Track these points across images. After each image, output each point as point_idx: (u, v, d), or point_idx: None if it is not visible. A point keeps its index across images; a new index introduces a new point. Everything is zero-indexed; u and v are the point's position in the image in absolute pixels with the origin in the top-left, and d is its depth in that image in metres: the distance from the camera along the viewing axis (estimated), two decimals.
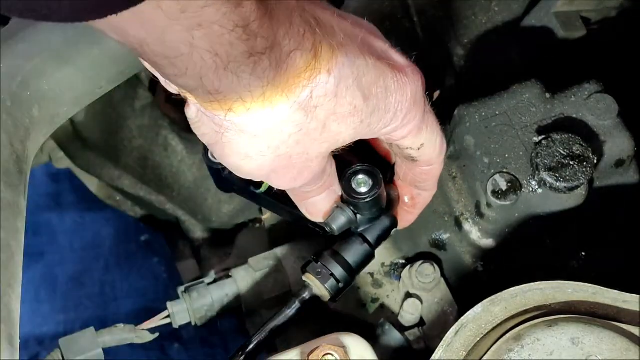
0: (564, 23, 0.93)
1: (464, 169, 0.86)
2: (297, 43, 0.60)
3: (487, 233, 0.85)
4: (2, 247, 0.65)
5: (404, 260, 0.94)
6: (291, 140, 0.64)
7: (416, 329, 0.90)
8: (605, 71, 0.90)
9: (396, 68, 0.68)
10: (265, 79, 0.59)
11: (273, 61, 0.59)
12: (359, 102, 0.65)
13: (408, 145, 0.72)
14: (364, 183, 0.74)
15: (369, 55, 0.66)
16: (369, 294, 0.93)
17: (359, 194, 0.74)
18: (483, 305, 0.70)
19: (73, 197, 1.58)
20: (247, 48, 0.56)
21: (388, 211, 0.79)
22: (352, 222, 0.76)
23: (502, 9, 0.97)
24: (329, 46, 0.63)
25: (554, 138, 0.81)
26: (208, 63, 0.56)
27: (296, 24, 0.60)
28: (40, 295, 1.51)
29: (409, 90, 0.68)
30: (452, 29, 0.98)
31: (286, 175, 0.68)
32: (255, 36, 0.56)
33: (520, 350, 0.65)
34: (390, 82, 0.67)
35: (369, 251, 0.78)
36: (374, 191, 0.74)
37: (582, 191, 0.81)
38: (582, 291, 0.70)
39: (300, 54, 0.60)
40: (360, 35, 0.67)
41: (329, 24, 0.64)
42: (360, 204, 0.74)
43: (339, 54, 0.63)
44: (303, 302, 0.78)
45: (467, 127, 0.86)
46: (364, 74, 0.65)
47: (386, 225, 0.79)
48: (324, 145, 0.66)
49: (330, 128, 0.65)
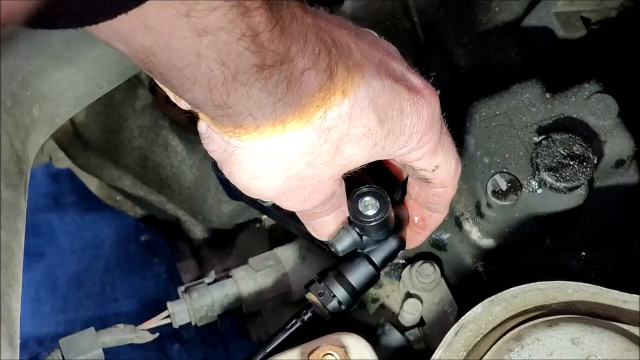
0: (564, 23, 0.93)
1: (464, 169, 0.86)
2: (311, 62, 0.58)
3: (487, 233, 0.85)
4: (3, 247, 0.65)
5: (404, 260, 0.94)
6: (302, 161, 0.62)
7: (416, 329, 0.90)
8: (605, 71, 0.90)
9: (413, 90, 0.66)
10: (277, 95, 0.57)
11: (285, 78, 0.57)
12: (374, 124, 0.63)
13: (422, 167, 0.71)
14: (371, 205, 0.72)
15: (385, 77, 0.64)
16: (369, 294, 0.93)
17: (365, 216, 0.72)
18: (483, 305, 0.70)
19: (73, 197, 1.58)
20: (256, 60, 0.54)
21: (396, 232, 0.78)
22: (358, 243, 0.75)
23: (502, 9, 0.97)
24: (345, 67, 0.61)
25: (554, 138, 0.81)
26: (216, 74, 0.54)
27: (311, 42, 0.58)
28: (40, 296, 1.51)
29: (425, 113, 0.66)
30: (452, 29, 0.98)
31: (296, 197, 0.66)
32: (265, 49, 0.54)
33: (520, 350, 0.65)
34: (406, 105, 0.65)
35: (373, 273, 0.78)
36: (380, 214, 0.72)
37: (582, 191, 0.81)
38: (582, 291, 0.70)
39: (315, 73, 0.58)
40: (377, 56, 0.65)
41: (345, 44, 0.62)
42: (367, 226, 0.73)
43: (355, 74, 0.62)
44: (303, 322, 0.78)
45: (467, 127, 0.86)
46: (380, 96, 0.63)
47: (393, 247, 0.78)
48: (335, 167, 0.64)
49: (343, 150, 0.63)
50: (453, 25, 0.98)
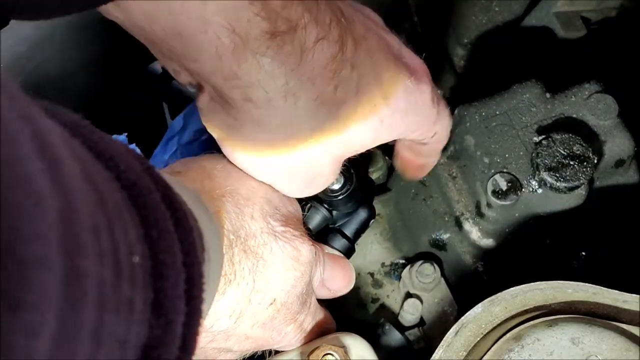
0: (564, 23, 0.93)
1: (464, 169, 0.86)
2: (324, 32, 0.55)
3: (487, 233, 0.85)
4: None
5: (404, 260, 0.94)
6: (312, 140, 0.60)
7: (416, 329, 0.90)
8: (605, 71, 0.90)
9: (410, 67, 0.65)
10: (289, 65, 0.54)
11: (298, 46, 0.53)
12: (379, 100, 0.61)
13: (422, 138, 0.70)
14: (336, 180, 0.71)
15: (386, 52, 0.62)
16: (369, 294, 0.93)
17: (332, 191, 0.72)
18: (483, 305, 0.70)
19: None
20: (267, 27, 0.51)
21: (364, 202, 0.78)
22: (328, 219, 0.75)
23: (502, 9, 0.97)
24: (352, 39, 0.58)
25: (554, 138, 0.81)
26: (225, 42, 0.50)
27: (322, 10, 0.55)
28: None
29: (424, 88, 0.65)
30: (452, 29, 0.98)
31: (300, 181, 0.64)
32: (276, 14, 0.51)
33: (520, 350, 0.65)
34: (408, 82, 0.63)
35: (348, 246, 0.78)
36: (346, 187, 0.72)
37: (582, 191, 0.81)
38: (582, 291, 0.70)
39: (327, 44, 0.56)
40: (376, 30, 0.63)
41: (349, 16, 0.59)
42: (334, 201, 0.73)
43: (360, 47, 0.59)
44: None
45: (467, 127, 0.86)
46: (384, 71, 0.61)
47: (363, 217, 0.78)
48: (340, 148, 0.62)
49: (350, 128, 0.61)
50: (453, 25, 0.98)
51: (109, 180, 0.38)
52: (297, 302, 0.65)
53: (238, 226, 0.59)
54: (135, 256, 0.37)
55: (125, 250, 0.36)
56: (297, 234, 0.63)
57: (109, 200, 0.36)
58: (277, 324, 0.64)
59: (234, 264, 0.58)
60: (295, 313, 0.65)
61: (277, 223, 0.62)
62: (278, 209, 0.64)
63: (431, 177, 0.89)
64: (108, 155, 0.39)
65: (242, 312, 0.60)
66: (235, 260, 0.58)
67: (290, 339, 0.67)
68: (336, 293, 0.74)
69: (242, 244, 0.59)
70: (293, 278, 0.63)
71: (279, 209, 0.64)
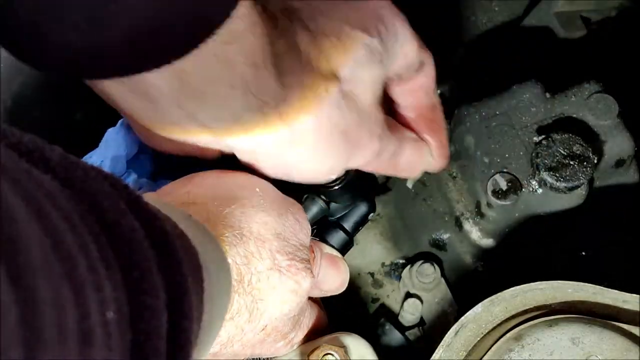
0: (564, 23, 0.93)
1: (464, 169, 0.86)
2: None
3: (487, 233, 0.85)
4: None
5: (404, 260, 0.94)
6: None
7: (416, 329, 0.89)
8: (605, 71, 0.90)
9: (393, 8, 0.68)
10: None
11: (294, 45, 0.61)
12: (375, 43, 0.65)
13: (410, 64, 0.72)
14: None
15: None
16: (369, 294, 0.93)
17: (327, 182, 0.72)
18: (483, 305, 0.70)
19: None
20: None
21: (364, 196, 0.78)
22: (325, 210, 0.75)
23: (502, 9, 0.97)
24: None
25: (554, 138, 0.81)
26: None
27: None
28: None
29: (405, 24, 0.68)
30: (453, 28, 0.98)
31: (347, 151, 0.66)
32: None
33: (520, 350, 0.65)
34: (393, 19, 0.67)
35: (345, 239, 0.78)
36: (341, 178, 0.72)
37: (582, 191, 0.81)
38: (582, 291, 0.70)
39: None
40: None
41: None
42: (330, 192, 0.73)
43: None
44: None
45: (467, 127, 0.86)
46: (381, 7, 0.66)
47: (363, 211, 0.78)
48: None
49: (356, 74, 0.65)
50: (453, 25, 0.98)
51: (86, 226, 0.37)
52: (289, 323, 0.66)
53: (245, 271, 0.60)
54: (109, 312, 0.36)
55: (97, 308, 0.35)
56: (300, 267, 0.64)
57: (80, 263, 0.35)
58: (266, 344, 0.65)
59: (235, 302, 0.59)
60: (286, 333, 0.67)
61: (283, 257, 0.63)
62: (288, 240, 0.64)
63: (431, 177, 0.89)
64: (91, 193, 0.39)
65: (232, 339, 0.61)
66: (236, 298, 0.59)
67: (280, 352, 0.69)
68: (327, 293, 0.74)
69: (248, 284, 0.60)
70: (288, 309, 0.64)
71: (288, 239, 0.64)
